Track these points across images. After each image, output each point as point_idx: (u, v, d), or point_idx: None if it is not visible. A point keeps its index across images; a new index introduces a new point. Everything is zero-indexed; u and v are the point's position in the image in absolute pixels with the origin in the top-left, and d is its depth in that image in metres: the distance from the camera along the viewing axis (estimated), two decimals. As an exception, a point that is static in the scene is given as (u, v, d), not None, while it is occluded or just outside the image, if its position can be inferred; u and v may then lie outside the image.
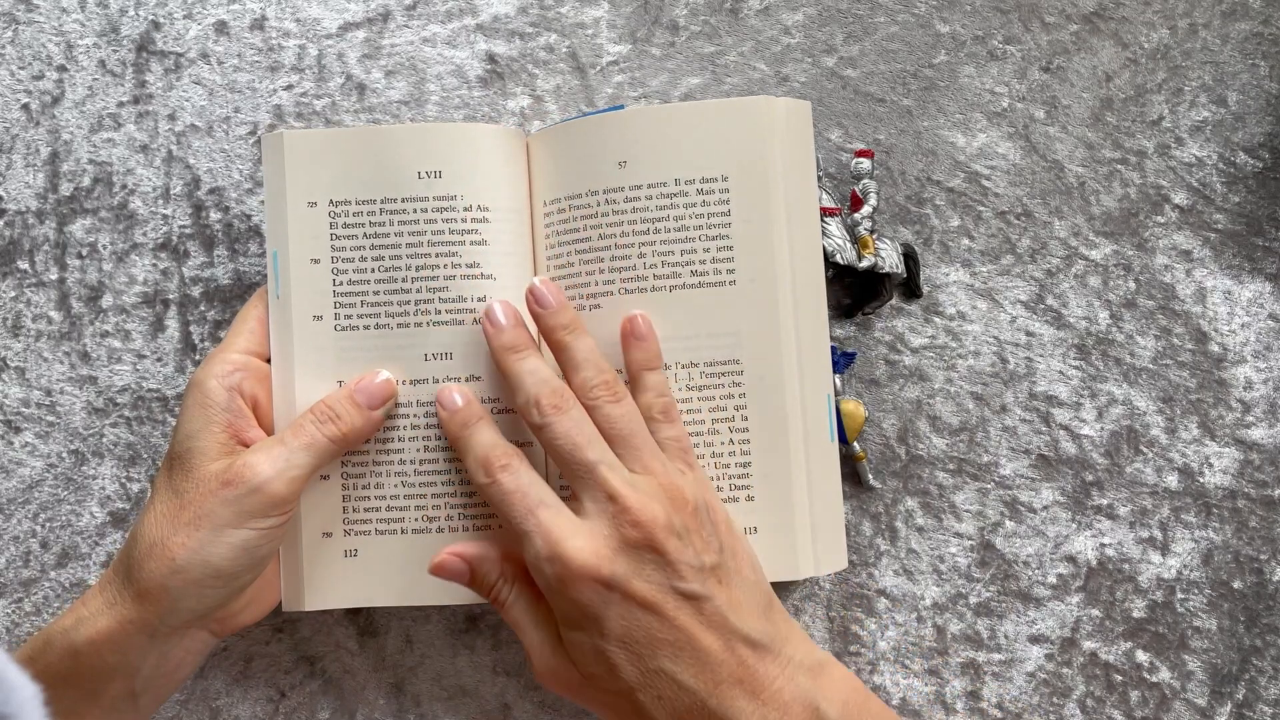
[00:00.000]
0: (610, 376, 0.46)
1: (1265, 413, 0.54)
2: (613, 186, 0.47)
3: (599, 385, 0.45)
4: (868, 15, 0.55)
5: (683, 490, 0.44)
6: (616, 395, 0.45)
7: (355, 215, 0.48)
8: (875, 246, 0.52)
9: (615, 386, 0.45)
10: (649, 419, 0.46)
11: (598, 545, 0.42)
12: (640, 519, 0.42)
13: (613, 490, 0.43)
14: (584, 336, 0.46)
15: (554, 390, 0.45)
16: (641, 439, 0.45)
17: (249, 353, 0.48)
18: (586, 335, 0.46)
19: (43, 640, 0.44)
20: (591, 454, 0.44)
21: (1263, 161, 0.55)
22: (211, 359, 0.47)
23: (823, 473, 0.48)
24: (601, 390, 0.45)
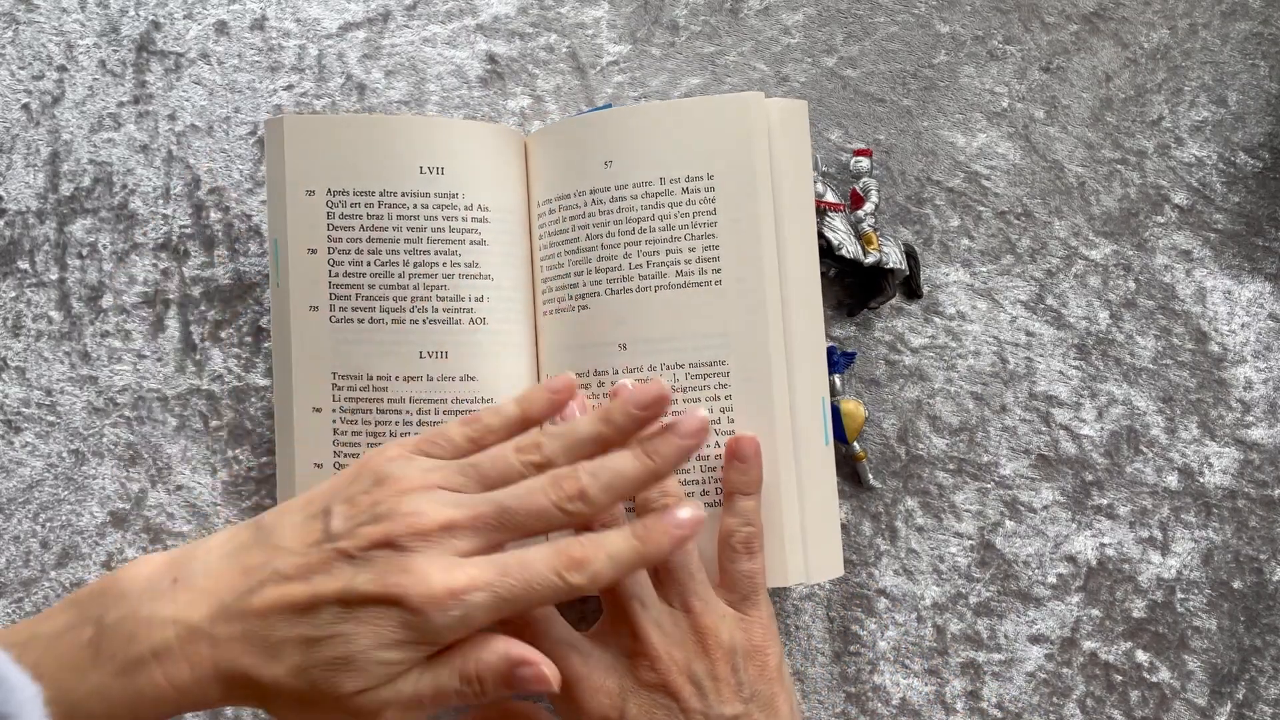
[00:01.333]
0: (671, 499, 0.44)
1: (1265, 413, 0.54)
2: (599, 186, 0.47)
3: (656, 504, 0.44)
4: (868, 15, 0.55)
5: (718, 634, 0.43)
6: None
7: (353, 206, 0.48)
8: (879, 243, 0.52)
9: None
10: (727, 545, 0.45)
11: (611, 684, 0.43)
12: (657, 662, 0.42)
13: (638, 629, 0.43)
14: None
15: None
16: (687, 575, 0.44)
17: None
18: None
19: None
20: (627, 587, 0.43)
21: (1263, 161, 0.55)
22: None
23: (816, 476, 0.47)
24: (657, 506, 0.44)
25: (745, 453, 0.45)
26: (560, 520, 0.40)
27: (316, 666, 0.37)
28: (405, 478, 0.40)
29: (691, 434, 0.41)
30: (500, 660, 0.39)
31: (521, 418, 0.43)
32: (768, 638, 0.44)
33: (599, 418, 0.42)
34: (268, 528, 0.40)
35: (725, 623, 0.44)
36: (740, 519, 0.45)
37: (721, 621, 0.44)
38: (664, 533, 0.40)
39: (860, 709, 0.52)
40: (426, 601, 0.37)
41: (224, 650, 0.37)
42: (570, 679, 0.43)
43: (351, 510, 0.39)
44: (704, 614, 0.44)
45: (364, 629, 0.37)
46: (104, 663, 0.37)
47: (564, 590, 0.39)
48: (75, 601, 0.39)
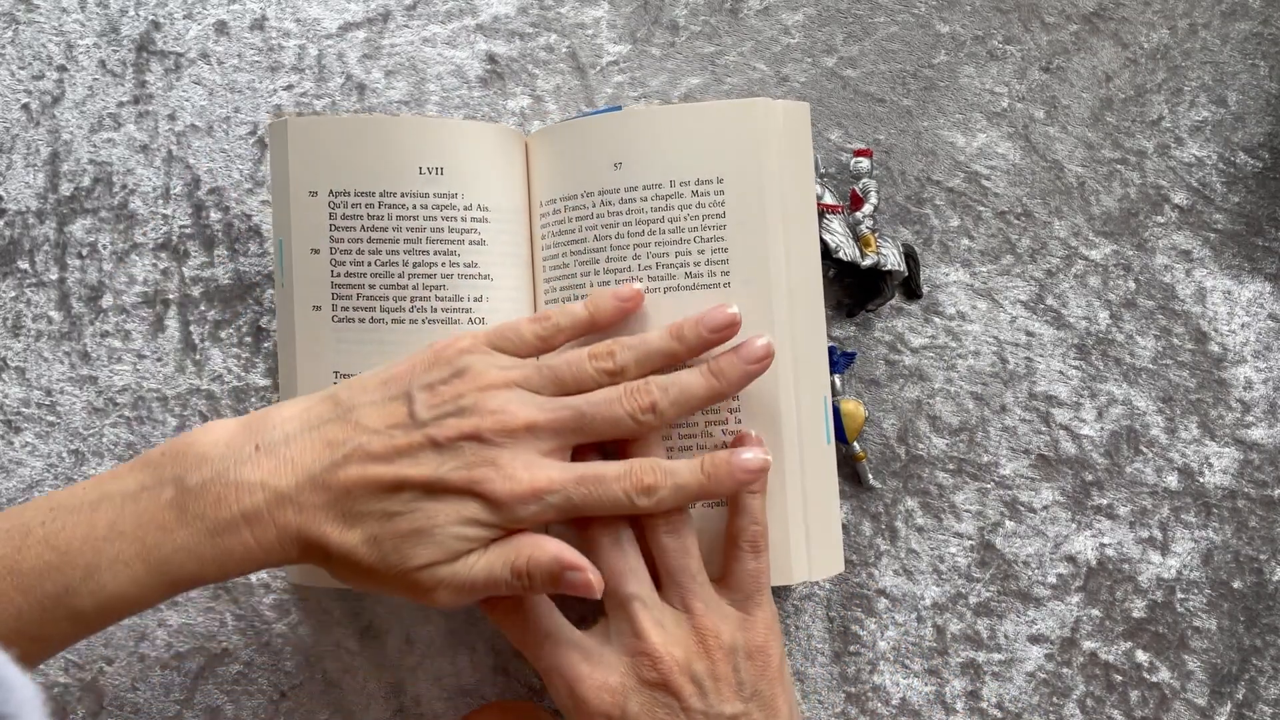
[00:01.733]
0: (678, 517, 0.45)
1: (1265, 413, 0.54)
2: (608, 188, 0.47)
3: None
4: (868, 15, 0.55)
5: (719, 634, 0.43)
6: (674, 525, 0.44)
7: (354, 207, 0.48)
8: (877, 245, 0.52)
9: (675, 515, 0.44)
10: (733, 544, 0.45)
11: (613, 681, 0.43)
12: (659, 661, 0.43)
13: (639, 628, 0.43)
14: (655, 450, 0.45)
15: None
16: (688, 576, 0.44)
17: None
18: (659, 449, 0.45)
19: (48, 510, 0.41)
20: (628, 586, 0.44)
21: (1263, 161, 0.55)
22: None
23: (818, 476, 0.48)
24: (661, 517, 0.44)
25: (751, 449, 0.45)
26: (631, 429, 0.43)
27: (390, 538, 0.40)
28: (485, 374, 0.42)
29: (756, 359, 0.44)
30: (551, 561, 0.41)
31: (590, 321, 0.45)
32: (770, 637, 0.45)
33: (671, 334, 0.44)
34: (345, 404, 0.42)
35: (727, 623, 0.44)
36: (747, 518, 0.45)
37: (723, 622, 0.44)
38: (729, 473, 0.43)
39: (860, 709, 0.52)
40: (509, 496, 0.40)
41: (308, 517, 0.40)
42: (572, 677, 0.43)
43: (434, 399, 0.42)
44: (705, 615, 0.44)
45: (444, 509, 0.40)
46: (192, 522, 0.39)
47: (628, 508, 0.42)
48: (146, 463, 0.41)
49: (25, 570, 0.39)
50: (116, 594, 0.39)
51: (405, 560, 0.40)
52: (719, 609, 0.44)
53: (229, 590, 0.52)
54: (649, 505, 0.42)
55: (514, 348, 0.44)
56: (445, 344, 0.44)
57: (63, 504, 0.41)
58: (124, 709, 0.52)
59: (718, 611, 0.44)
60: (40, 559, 0.39)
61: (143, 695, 0.52)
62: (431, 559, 0.41)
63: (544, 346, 0.45)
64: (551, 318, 0.45)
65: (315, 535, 0.40)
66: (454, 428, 0.41)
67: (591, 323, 0.46)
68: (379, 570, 0.41)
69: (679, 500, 0.43)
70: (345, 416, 0.42)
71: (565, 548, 0.42)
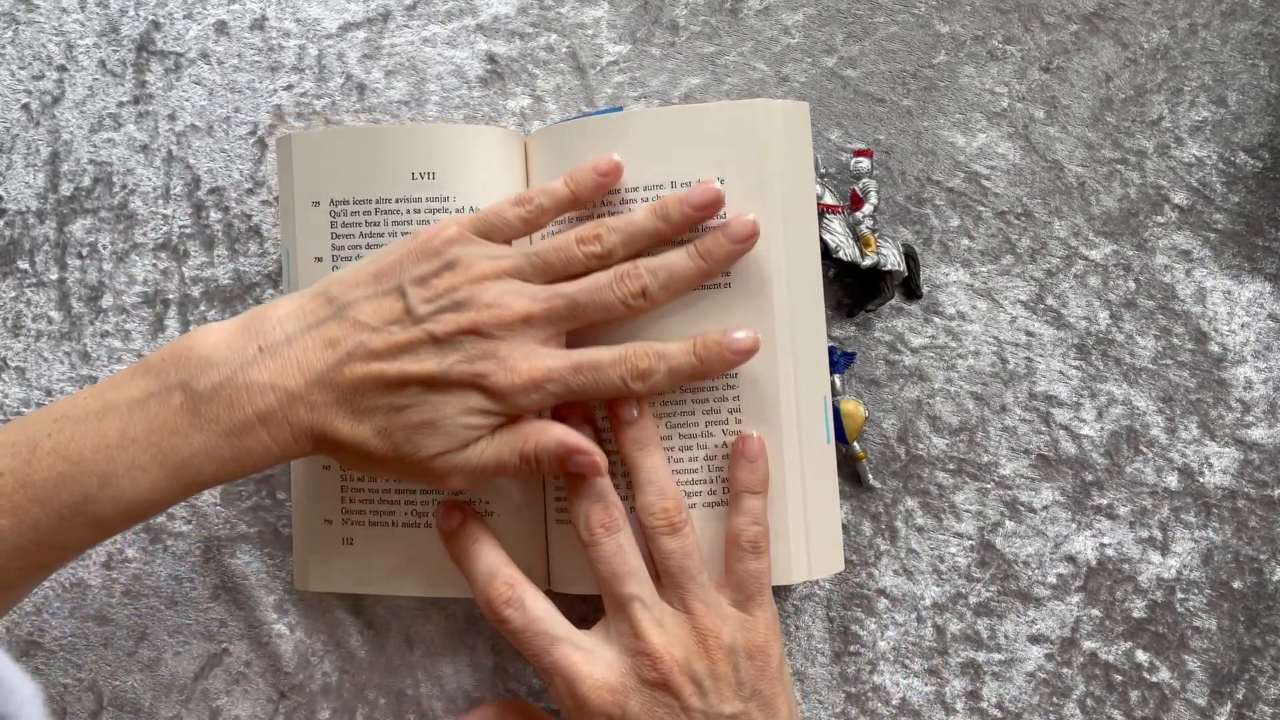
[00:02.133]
0: (671, 503, 0.45)
1: (1265, 413, 0.54)
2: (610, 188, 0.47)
3: (658, 513, 0.44)
4: (868, 15, 0.55)
5: (719, 634, 0.44)
6: (673, 526, 0.44)
7: (353, 215, 0.49)
8: (877, 245, 0.52)
9: (674, 516, 0.44)
10: (735, 545, 0.45)
11: (613, 681, 0.43)
12: (659, 661, 0.43)
13: (639, 629, 0.43)
14: (654, 454, 0.45)
15: (605, 508, 0.45)
16: (688, 577, 0.44)
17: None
18: (658, 452, 0.46)
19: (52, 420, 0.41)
20: (628, 587, 0.44)
21: (1263, 161, 0.55)
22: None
23: (818, 475, 0.48)
24: (659, 518, 0.44)
25: (752, 452, 0.45)
26: (624, 314, 0.44)
27: (400, 429, 0.42)
28: (476, 265, 0.43)
29: (742, 238, 0.45)
30: (557, 446, 0.43)
31: (572, 198, 0.46)
32: (770, 638, 0.44)
33: (655, 213, 0.45)
34: (339, 301, 0.43)
35: (727, 623, 0.44)
36: (748, 518, 0.45)
37: (724, 622, 0.44)
38: (719, 354, 0.44)
39: (860, 709, 0.52)
40: (510, 387, 0.42)
41: (319, 415, 0.41)
42: (573, 676, 0.43)
43: (429, 294, 0.42)
44: (705, 615, 0.44)
45: (449, 401, 0.42)
46: (206, 425, 0.40)
47: (624, 392, 0.44)
48: (147, 369, 0.42)
49: (38, 482, 0.40)
50: (136, 499, 0.40)
51: (418, 450, 0.42)
52: (719, 609, 0.44)
53: (229, 590, 0.52)
54: (643, 389, 0.44)
55: (500, 233, 0.45)
56: (431, 233, 0.44)
57: (66, 414, 0.41)
58: (124, 709, 0.52)
59: (718, 612, 0.44)
60: (53, 470, 0.40)
61: (143, 695, 0.52)
62: (443, 448, 0.42)
63: (529, 229, 0.46)
64: (534, 199, 0.45)
65: (328, 430, 0.42)
66: (452, 323, 0.42)
67: (573, 199, 0.46)
68: (392, 459, 0.42)
69: (672, 382, 0.44)
70: (341, 314, 0.43)
71: (570, 432, 0.43)
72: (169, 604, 0.52)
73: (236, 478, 0.42)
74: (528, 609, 0.44)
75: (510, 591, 0.44)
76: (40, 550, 0.40)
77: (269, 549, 0.52)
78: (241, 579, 0.52)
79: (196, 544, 0.53)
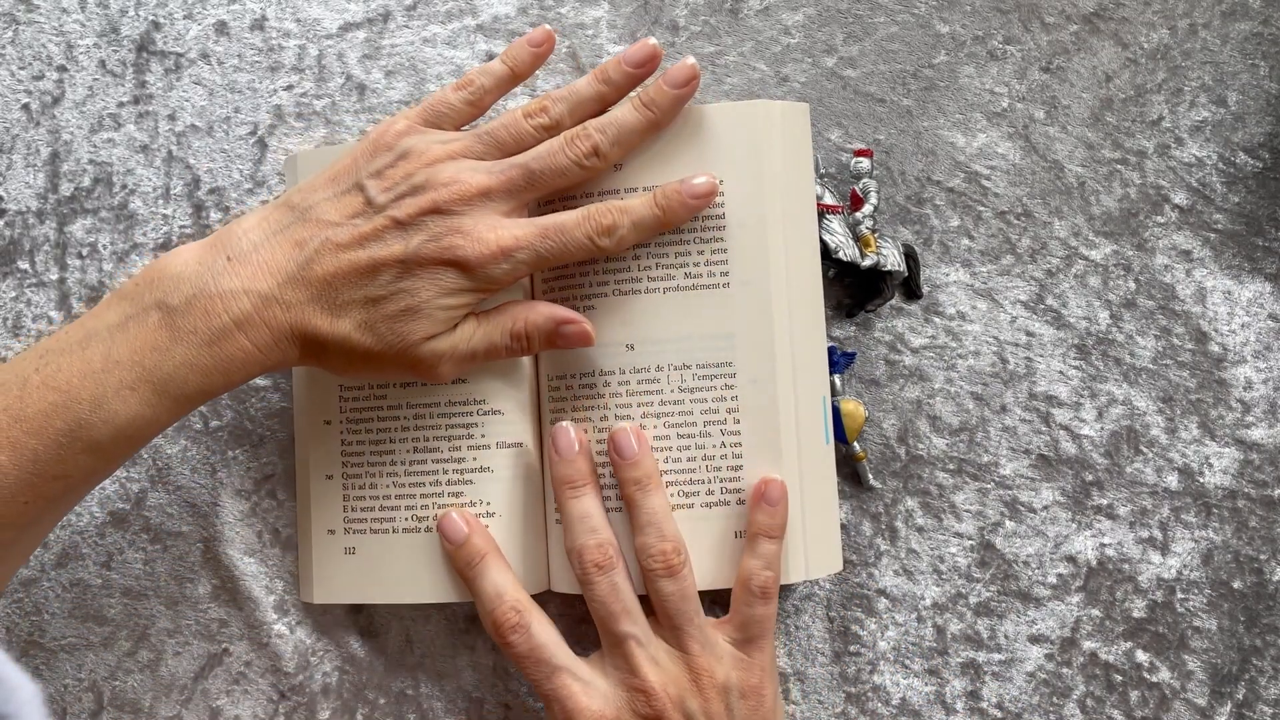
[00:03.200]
0: (670, 545, 0.45)
1: (1265, 413, 0.54)
2: (608, 189, 0.47)
3: (656, 555, 0.45)
4: (868, 15, 0.55)
5: (713, 673, 0.44)
6: (671, 569, 0.45)
7: None
8: (877, 245, 0.52)
9: (672, 559, 0.45)
10: (745, 588, 0.45)
11: (609, 714, 0.44)
12: (652, 697, 0.43)
13: (635, 666, 0.44)
14: (655, 494, 0.46)
15: (599, 545, 0.45)
16: (685, 619, 0.45)
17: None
18: (658, 492, 0.46)
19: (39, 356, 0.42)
20: (624, 626, 0.44)
21: (1263, 161, 0.55)
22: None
23: (817, 475, 0.48)
24: (658, 561, 0.45)
25: (774, 496, 0.46)
26: (579, 175, 0.44)
27: (382, 320, 0.42)
28: (429, 151, 0.44)
29: (683, 82, 0.45)
30: (546, 320, 0.44)
31: (511, 74, 0.47)
32: (765, 680, 0.45)
33: (596, 77, 0.45)
34: (301, 206, 0.44)
35: (722, 663, 0.44)
36: (762, 562, 0.45)
37: (718, 662, 0.44)
38: (681, 202, 0.44)
39: (860, 709, 0.52)
40: (481, 258, 0.42)
41: (296, 313, 0.42)
42: (571, 707, 0.44)
43: (386, 184, 0.43)
44: (701, 655, 0.44)
45: (424, 283, 0.42)
46: (185, 337, 0.41)
47: (594, 251, 0.44)
48: (123, 295, 0.42)
49: (31, 415, 0.40)
50: (129, 419, 0.41)
51: (403, 338, 0.42)
52: (715, 649, 0.45)
53: (229, 590, 0.52)
54: (611, 245, 0.44)
55: (447, 120, 0.46)
56: (381, 129, 0.45)
57: (51, 348, 0.42)
58: (124, 709, 0.52)
59: (713, 652, 0.45)
60: (44, 400, 0.40)
61: (143, 695, 0.52)
62: (428, 332, 0.43)
63: (475, 111, 0.46)
64: (474, 80, 0.46)
65: (308, 329, 0.42)
66: (413, 205, 0.42)
67: (512, 75, 0.47)
68: (379, 352, 0.42)
69: (639, 236, 0.45)
70: (305, 216, 0.43)
71: (556, 306, 0.44)
72: (169, 604, 0.52)
73: (224, 389, 0.42)
74: (533, 635, 0.45)
75: (517, 617, 0.45)
76: (43, 482, 0.40)
77: (269, 549, 0.52)
78: (241, 579, 0.52)
79: (196, 544, 0.53)
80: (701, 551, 0.47)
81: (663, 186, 0.45)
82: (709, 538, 0.46)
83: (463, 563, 0.46)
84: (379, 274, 0.42)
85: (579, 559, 0.45)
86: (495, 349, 0.44)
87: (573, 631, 0.51)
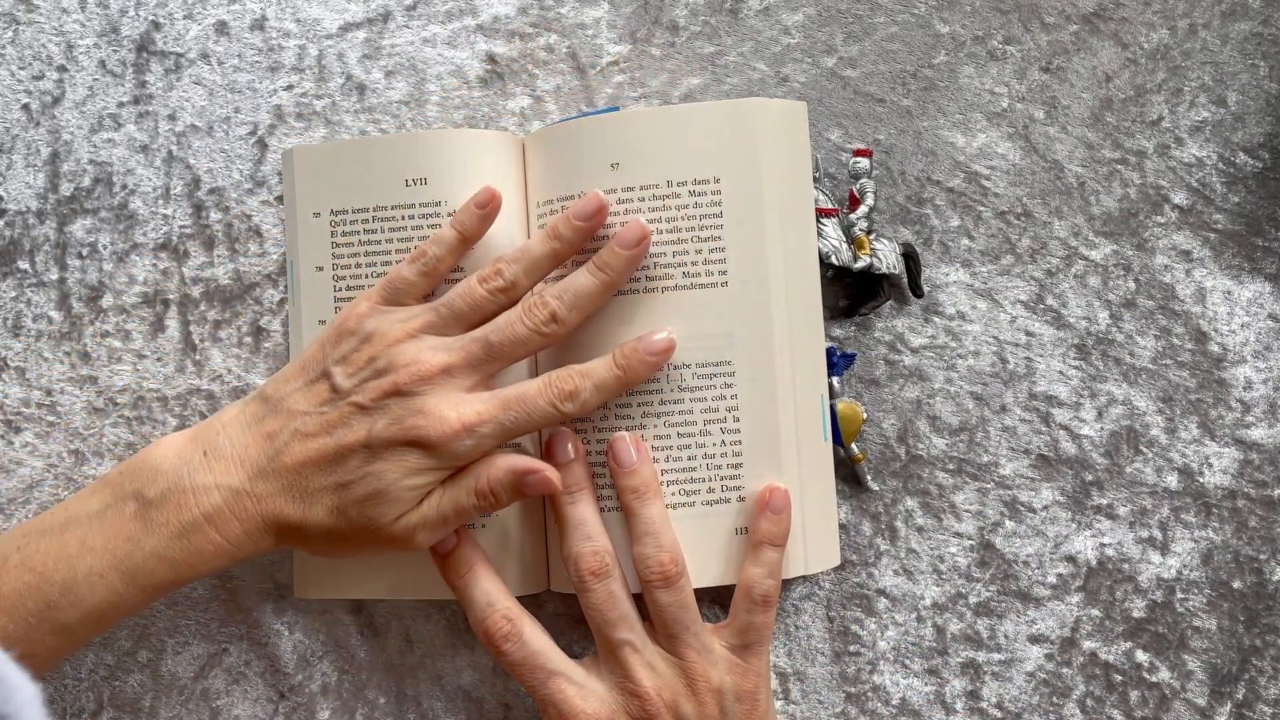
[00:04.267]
0: (667, 556, 0.45)
1: (1265, 413, 0.54)
2: (606, 188, 0.47)
3: (654, 566, 0.45)
4: (868, 15, 0.55)
5: (709, 678, 0.44)
6: (668, 579, 0.45)
7: (351, 224, 0.50)
8: (872, 247, 0.52)
9: (669, 569, 0.45)
10: (746, 595, 0.46)
11: (604, 716, 0.44)
12: (647, 702, 0.44)
13: (630, 672, 0.44)
14: (653, 503, 0.46)
15: (595, 552, 0.45)
16: (681, 629, 0.45)
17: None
18: (656, 501, 0.46)
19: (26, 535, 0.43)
20: (620, 633, 0.45)
21: (1263, 161, 0.55)
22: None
23: (815, 472, 0.48)
24: (655, 571, 0.45)
25: (778, 504, 0.46)
26: (539, 342, 0.44)
27: (352, 504, 0.43)
28: (389, 332, 0.44)
29: (634, 243, 0.45)
30: (507, 473, 0.43)
31: (461, 238, 0.47)
32: (760, 684, 0.46)
33: (548, 235, 0.46)
34: (274, 398, 0.45)
35: (718, 668, 0.45)
36: (764, 570, 0.46)
37: (714, 667, 0.45)
38: (640, 359, 0.45)
39: (860, 709, 0.52)
40: (444, 436, 0.42)
41: (267, 504, 0.43)
42: (567, 711, 0.44)
43: (350, 369, 0.44)
44: (697, 662, 0.45)
45: (390, 465, 0.42)
46: (157, 530, 0.42)
47: (559, 418, 0.44)
48: (106, 483, 0.44)
49: (6, 593, 0.42)
50: (96, 605, 0.42)
51: (374, 520, 0.43)
52: (711, 655, 0.45)
53: (229, 590, 0.52)
54: (575, 410, 0.44)
55: (407, 295, 0.46)
56: (344, 314, 0.46)
57: (34, 530, 0.43)
58: (124, 709, 0.52)
59: (709, 657, 0.45)
60: (19, 580, 0.42)
61: (143, 695, 0.52)
62: (397, 513, 0.43)
63: (432, 281, 0.47)
64: (427, 251, 0.46)
65: (280, 518, 0.43)
66: (376, 389, 0.43)
67: (463, 239, 0.47)
68: (353, 535, 0.43)
69: (602, 398, 0.45)
70: (277, 408, 0.44)
71: (517, 456, 0.44)
72: (169, 604, 0.52)
73: (191, 580, 0.43)
74: (526, 642, 0.45)
75: (509, 626, 0.45)
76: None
77: (269, 549, 0.52)
78: (241, 579, 0.52)
79: (196, 544, 0.53)
80: (702, 550, 0.47)
81: (622, 346, 0.45)
82: (710, 536, 0.47)
83: (452, 571, 0.46)
84: (346, 459, 0.43)
85: (575, 566, 0.45)
86: (464, 511, 0.44)
87: (572, 632, 0.51)
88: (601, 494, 0.47)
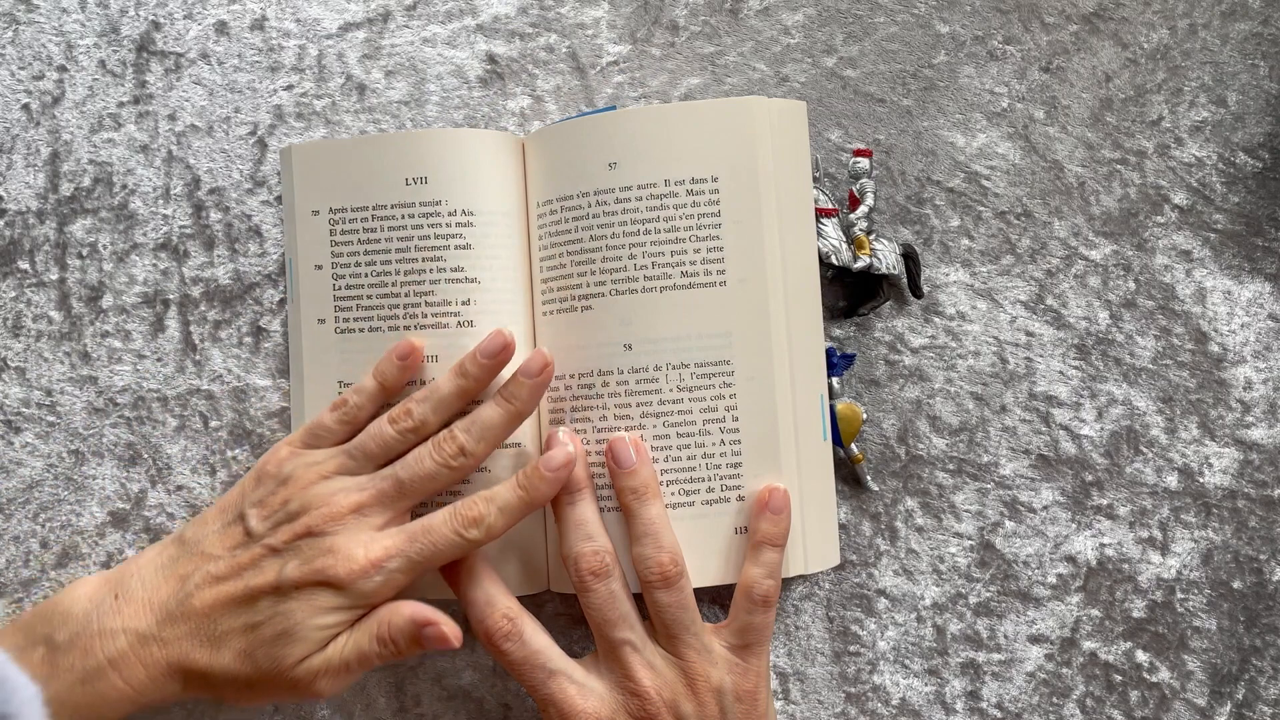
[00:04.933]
0: (667, 556, 0.45)
1: (1265, 413, 0.54)
2: (603, 188, 0.47)
3: (654, 567, 0.45)
4: (868, 15, 0.55)
5: (709, 677, 0.45)
6: (668, 579, 0.45)
7: (350, 222, 0.50)
8: (871, 247, 0.52)
9: (668, 569, 0.45)
10: (746, 595, 0.46)
11: (604, 715, 0.44)
12: (647, 701, 0.44)
13: (630, 671, 0.45)
14: (652, 504, 0.46)
15: (595, 552, 0.45)
16: (681, 629, 0.45)
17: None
18: (656, 501, 0.46)
19: None
20: (620, 633, 0.45)
21: (1263, 161, 0.55)
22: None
23: (815, 471, 0.48)
24: (655, 572, 0.45)
25: (777, 504, 0.46)
26: (450, 477, 0.45)
27: (260, 646, 0.43)
28: (305, 474, 0.45)
29: (537, 371, 0.46)
30: (407, 623, 0.43)
31: (381, 389, 0.48)
32: (759, 684, 0.46)
33: (455, 373, 0.46)
34: (191, 540, 0.46)
35: (718, 667, 0.45)
36: (764, 570, 0.46)
37: (714, 667, 0.45)
38: (541, 478, 0.45)
39: (860, 709, 0.52)
40: (351, 574, 0.43)
41: (174, 649, 0.43)
42: (567, 710, 0.44)
43: (265, 511, 0.45)
44: (697, 662, 0.45)
45: (299, 604, 0.43)
46: (62, 675, 0.42)
47: (466, 545, 0.44)
48: (19, 626, 0.44)
49: None
50: None
51: (278, 662, 0.43)
52: (710, 654, 0.45)
53: (229, 590, 0.52)
54: (480, 536, 0.44)
55: (325, 440, 0.47)
56: (265, 459, 0.47)
57: None
58: (124, 709, 0.52)
59: (709, 657, 0.45)
60: None
61: (143, 695, 0.52)
62: (303, 654, 0.43)
63: (352, 429, 0.47)
64: (347, 400, 0.47)
65: (187, 664, 0.43)
66: (288, 531, 0.44)
67: (382, 389, 0.47)
68: (257, 679, 0.43)
69: (509, 521, 0.44)
70: (191, 551, 0.45)
71: (419, 606, 0.43)
72: (169, 604, 0.52)
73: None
74: (527, 642, 0.45)
75: (510, 625, 0.45)
76: None
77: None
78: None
79: (196, 544, 0.53)
80: (703, 549, 0.47)
81: (525, 469, 0.45)
82: (710, 535, 0.47)
83: (449, 571, 0.46)
84: (256, 601, 0.43)
85: (575, 566, 0.45)
86: (366, 657, 0.43)
87: (571, 631, 0.51)
88: (601, 494, 0.47)
